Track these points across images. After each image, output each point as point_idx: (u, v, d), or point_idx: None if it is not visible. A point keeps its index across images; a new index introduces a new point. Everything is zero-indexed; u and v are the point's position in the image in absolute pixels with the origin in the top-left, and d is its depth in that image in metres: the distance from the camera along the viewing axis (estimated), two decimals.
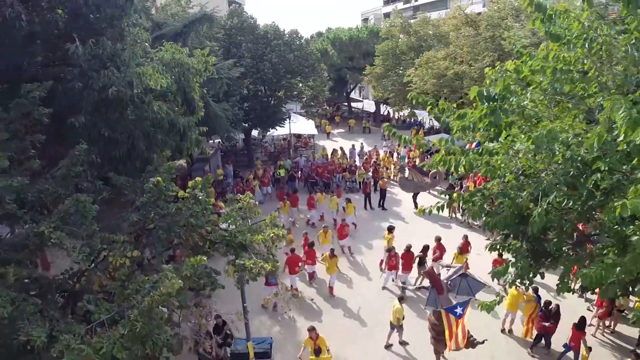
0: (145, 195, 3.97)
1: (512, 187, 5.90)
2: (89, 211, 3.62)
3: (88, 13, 5.34)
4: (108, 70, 4.77)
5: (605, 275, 4.58)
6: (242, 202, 4.58)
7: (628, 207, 3.74)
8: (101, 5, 5.15)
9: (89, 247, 3.54)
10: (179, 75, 5.71)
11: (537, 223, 4.94)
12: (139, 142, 5.21)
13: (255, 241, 4.15)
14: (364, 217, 16.32)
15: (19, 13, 4.52)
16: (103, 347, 2.97)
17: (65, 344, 3.00)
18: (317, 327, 10.08)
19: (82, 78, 5.02)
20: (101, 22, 5.41)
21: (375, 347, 9.29)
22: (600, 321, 9.09)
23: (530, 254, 6.24)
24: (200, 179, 4.25)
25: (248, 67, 18.54)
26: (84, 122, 4.84)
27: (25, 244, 3.51)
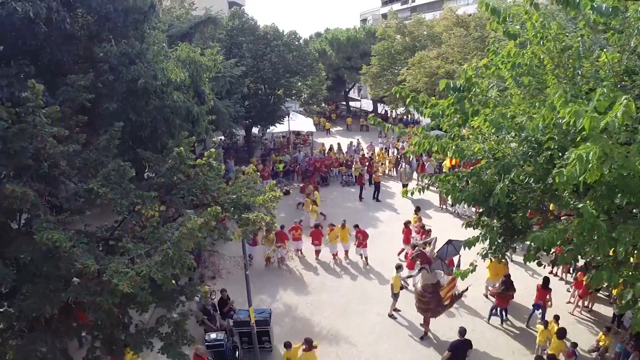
0: (169, 162, 5.09)
1: (481, 168, 6.98)
2: (126, 173, 4.74)
3: (116, 18, 6.48)
4: (137, 66, 5.89)
5: (556, 239, 5.61)
6: (247, 174, 5.70)
7: (564, 173, 4.79)
8: (128, 12, 6.29)
9: (127, 201, 4.64)
10: (192, 70, 6.84)
11: (499, 196, 6.01)
12: (161, 125, 6.35)
13: (256, 202, 5.26)
14: (359, 208, 17.52)
15: (64, 17, 5.64)
16: (143, 270, 4.05)
17: (114, 269, 4.08)
18: (312, 303, 11.30)
19: (113, 72, 6.15)
20: (127, 26, 6.55)
21: (365, 320, 10.43)
22: (579, 300, 10.18)
23: (502, 230, 7.33)
24: (214, 150, 5.36)
25: (249, 67, 19.71)
26: (115, 107, 5.96)
27: (78, 198, 4.62)
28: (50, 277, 4.65)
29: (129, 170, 4.74)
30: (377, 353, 9.33)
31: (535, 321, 9.46)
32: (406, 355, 9.16)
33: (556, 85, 6.14)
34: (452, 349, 7.54)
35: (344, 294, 11.60)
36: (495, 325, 9.86)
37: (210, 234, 4.84)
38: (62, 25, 5.61)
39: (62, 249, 4.07)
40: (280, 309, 11.17)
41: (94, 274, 4.13)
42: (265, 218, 4.98)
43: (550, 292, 9.27)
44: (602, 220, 5.07)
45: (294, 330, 10.39)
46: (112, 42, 5.79)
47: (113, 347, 5.92)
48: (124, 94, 6.08)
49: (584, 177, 4.75)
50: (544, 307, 9.26)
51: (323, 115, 32.18)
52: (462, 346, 7.60)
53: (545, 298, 9.20)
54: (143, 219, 4.84)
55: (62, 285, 4.64)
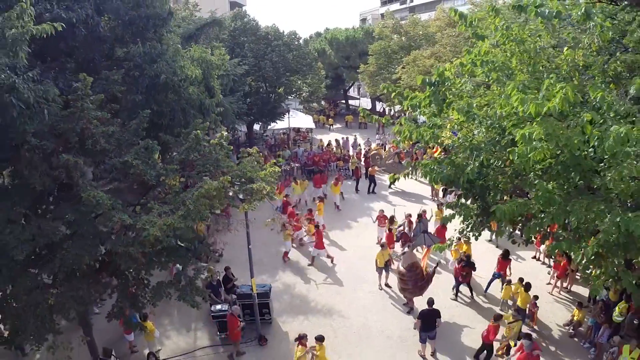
0: (187, 144, 6.30)
1: (455, 152, 8.15)
2: (154, 150, 5.95)
3: (139, 23, 7.73)
4: (158, 64, 7.12)
5: (517, 210, 6.73)
6: (251, 154, 6.93)
7: (516, 152, 5.94)
8: (149, 18, 7.53)
9: (154, 172, 5.84)
10: (204, 68, 8.05)
11: (469, 175, 7.18)
12: (178, 115, 7.59)
13: (259, 175, 6.46)
14: (355, 199, 18.82)
15: (98, 22, 6.88)
16: (169, 221, 5.24)
17: (145, 220, 5.27)
18: (310, 283, 12.61)
19: (138, 69, 7.39)
20: (148, 30, 7.80)
21: (357, 297, 11.69)
22: (557, 281, 11.39)
23: (479, 211, 8.51)
24: (225, 132, 6.60)
25: (250, 66, 20.98)
26: (140, 99, 7.19)
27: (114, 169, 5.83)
28: (88, 235, 5.84)
29: (156, 148, 5.96)
30: (367, 324, 10.55)
31: (496, 287, 10.85)
32: (393, 325, 10.39)
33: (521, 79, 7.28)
34: (421, 317, 8.73)
35: (339, 276, 12.89)
36: (465, 300, 11.12)
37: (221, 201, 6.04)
38: (97, 29, 6.83)
39: (103, 206, 5.26)
40: (280, 287, 12.44)
41: (128, 226, 5.32)
42: (266, 187, 6.19)
43: (509, 262, 10.65)
44: (558, 195, 6.18)
45: (292, 305, 11.66)
46: (139, 43, 7.01)
47: (135, 301, 7.14)
48: (146, 87, 7.32)
49: (533, 154, 6.00)
50: (503, 275, 10.59)
51: (322, 113, 33.45)
52: (430, 314, 8.78)
53: (505, 268, 10.53)
54: (167, 188, 6.06)
55: (98, 241, 5.84)
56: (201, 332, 10.80)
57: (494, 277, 10.87)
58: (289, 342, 10.19)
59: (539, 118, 5.59)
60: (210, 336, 10.55)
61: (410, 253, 10.42)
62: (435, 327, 8.82)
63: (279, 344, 10.19)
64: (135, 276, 6.81)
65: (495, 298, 11.03)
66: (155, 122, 7.39)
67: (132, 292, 7.04)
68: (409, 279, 10.15)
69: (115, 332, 10.18)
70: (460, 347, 9.48)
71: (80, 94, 5.63)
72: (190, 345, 10.24)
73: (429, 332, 8.80)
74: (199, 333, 10.75)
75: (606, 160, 5.47)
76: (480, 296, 11.25)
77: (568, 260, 10.73)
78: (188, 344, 10.30)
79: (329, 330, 10.51)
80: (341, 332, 10.38)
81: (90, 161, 5.68)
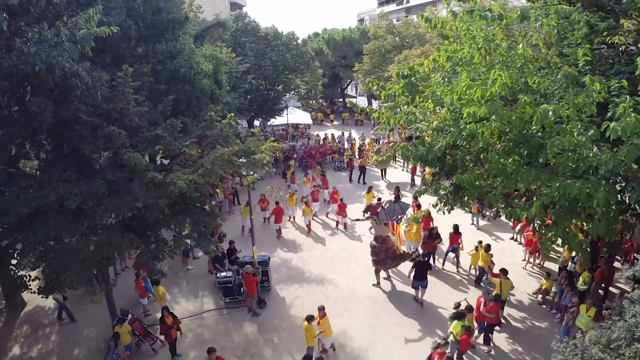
0: (203, 123, 8.05)
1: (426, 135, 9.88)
2: (177, 126, 7.71)
3: (160, 26, 9.53)
4: (178, 60, 8.91)
5: (474, 179, 8.40)
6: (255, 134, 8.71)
7: (468, 128, 7.66)
8: (169, 21, 9.33)
9: (178, 143, 7.58)
10: (214, 64, 9.82)
11: (436, 152, 8.91)
12: (193, 102, 9.41)
13: (261, 149, 8.21)
14: (349, 188, 20.66)
15: (130, 25, 8.66)
16: (192, 177, 6.95)
17: (173, 175, 6.99)
18: (303, 257, 14.43)
19: (160, 63, 9.18)
20: (167, 32, 9.60)
21: (347, 269, 13.47)
22: (530, 257, 13.13)
23: (453, 189, 10.23)
24: (232, 115, 8.39)
25: (251, 64, 22.82)
26: (163, 88, 8.98)
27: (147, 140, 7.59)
28: (124, 192, 7.55)
29: (179, 125, 7.72)
30: (354, 291, 12.32)
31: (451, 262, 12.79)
32: (378, 292, 12.20)
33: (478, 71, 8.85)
34: (415, 267, 10.65)
35: (331, 251, 14.71)
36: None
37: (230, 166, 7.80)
38: (129, 31, 8.61)
39: (139, 166, 6.97)
40: (278, 261, 14.22)
41: (158, 183, 7.03)
42: (266, 157, 7.96)
43: (460, 236, 12.52)
44: (509, 166, 7.79)
45: (289, 276, 13.45)
46: (163, 43, 8.81)
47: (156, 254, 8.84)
48: (167, 79, 9.10)
49: (481, 130, 7.73)
50: (457, 248, 12.45)
51: (320, 111, 35.28)
52: (423, 266, 10.68)
53: (458, 242, 12.36)
54: (187, 156, 7.82)
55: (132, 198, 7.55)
56: (207, 298, 12.57)
57: (448, 251, 12.70)
58: (285, 305, 11.98)
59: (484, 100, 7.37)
60: (215, 301, 12.33)
61: (381, 227, 11.92)
62: (426, 277, 10.67)
63: (276, 306, 11.96)
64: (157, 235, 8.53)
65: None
66: (175, 107, 9.17)
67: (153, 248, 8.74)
68: (378, 250, 11.81)
69: (131, 299, 11.96)
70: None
71: (122, 81, 7.39)
72: (198, 309, 12.00)
73: (421, 281, 10.68)
74: (205, 299, 12.52)
75: (546, 134, 7.12)
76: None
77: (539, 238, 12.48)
78: (196, 308, 12.06)
79: (321, 295, 12.29)
80: (332, 297, 12.13)
81: (127, 134, 7.41)
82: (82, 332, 11.15)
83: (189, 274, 13.85)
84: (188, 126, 8.48)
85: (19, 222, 7.52)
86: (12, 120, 7.07)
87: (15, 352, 10.38)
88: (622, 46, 8.67)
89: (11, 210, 7.05)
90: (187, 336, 10.65)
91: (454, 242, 12.39)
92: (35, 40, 5.77)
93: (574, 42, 9.64)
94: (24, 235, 7.81)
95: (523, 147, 7.99)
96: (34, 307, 12.36)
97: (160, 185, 7.04)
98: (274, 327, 10.99)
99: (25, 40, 5.85)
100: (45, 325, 11.60)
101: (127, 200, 7.26)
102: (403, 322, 10.70)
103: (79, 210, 7.35)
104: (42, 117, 6.23)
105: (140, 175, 7.03)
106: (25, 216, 7.32)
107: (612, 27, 8.78)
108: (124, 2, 8.50)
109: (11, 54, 5.81)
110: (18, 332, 11.22)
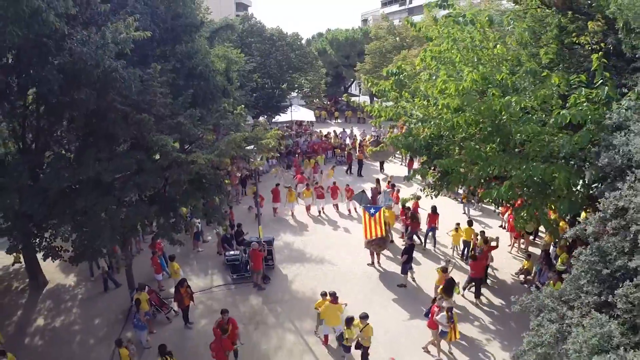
0: (217, 113, 9.56)
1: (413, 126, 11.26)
2: (195, 116, 9.20)
3: (178, 30, 11.08)
4: (196, 59, 10.44)
5: (453, 164, 9.82)
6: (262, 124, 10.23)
7: (443, 117, 9.10)
8: (186, 26, 10.87)
9: (197, 129, 9.07)
10: (226, 63, 11.34)
11: (421, 141, 10.37)
12: (208, 96, 10.94)
13: (267, 136, 9.69)
14: (348, 180, 22.08)
15: (154, 30, 10.20)
16: (209, 156, 8.44)
17: (194, 155, 8.46)
18: (304, 240, 15.95)
19: (179, 62, 10.73)
20: (185, 34, 11.15)
21: (344, 250, 14.88)
22: (515, 242, 14.46)
23: (439, 175, 11.62)
24: (242, 106, 9.91)
25: (257, 64, 24.36)
26: (182, 84, 10.52)
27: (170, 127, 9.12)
28: (151, 170, 9.01)
29: (197, 115, 9.23)
30: (351, 269, 13.76)
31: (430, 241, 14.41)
32: (373, 270, 13.62)
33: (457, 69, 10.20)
34: (405, 252, 12.03)
35: (330, 236, 16.19)
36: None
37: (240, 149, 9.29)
38: (153, 34, 10.16)
39: (166, 146, 8.44)
40: (281, 244, 15.72)
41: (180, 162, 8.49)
42: (271, 142, 9.44)
43: (438, 216, 14.02)
44: (483, 152, 9.15)
45: (291, 257, 14.94)
46: (182, 44, 10.37)
47: (175, 226, 10.33)
48: (185, 76, 10.65)
49: (456, 119, 9.13)
50: (435, 228, 14.11)
51: (323, 109, 36.81)
52: (409, 248, 12.06)
53: (435, 222, 13.80)
54: (204, 141, 9.33)
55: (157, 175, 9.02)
56: (216, 276, 14.09)
57: (428, 231, 14.18)
58: (288, 281, 13.46)
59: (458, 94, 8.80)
60: (224, 278, 13.84)
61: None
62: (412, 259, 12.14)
63: (279, 282, 13.43)
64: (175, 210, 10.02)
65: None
66: (193, 100, 10.72)
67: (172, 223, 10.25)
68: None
69: (147, 276, 13.44)
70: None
71: (151, 77, 8.92)
72: (208, 285, 13.49)
73: (409, 263, 12.08)
74: (215, 276, 14.04)
75: (512, 123, 8.49)
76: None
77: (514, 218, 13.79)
78: (206, 284, 13.56)
79: (321, 273, 13.76)
80: (330, 274, 13.57)
81: (154, 121, 8.90)
82: (102, 305, 12.58)
83: (199, 255, 15.37)
84: (204, 116, 9.96)
85: (58, 196, 9.00)
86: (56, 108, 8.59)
87: (40, 323, 11.64)
88: (586, 45, 10.05)
89: (54, 184, 8.54)
90: (198, 307, 12.12)
91: (432, 221, 13.86)
92: (84, 41, 7.28)
93: (546, 42, 11.04)
94: (60, 209, 9.27)
95: (496, 135, 9.38)
96: (55, 285, 13.85)
97: (181, 163, 8.51)
98: (277, 299, 12.44)
99: (75, 41, 7.35)
100: (66, 300, 13.05)
101: (152, 177, 8.74)
102: (394, 295, 12.15)
103: (111, 185, 8.83)
104: (87, 105, 7.71)
105: (166, 155, 8.52)
106: (63, 191, 8.79)
107: (581, 29, 10.19)
108: (149, 9, 10.04)
109: (63, 53, 7.30)
110: (41, 307, 12.55)
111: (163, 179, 8.90)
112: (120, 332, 10.86)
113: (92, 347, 10.75)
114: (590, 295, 5.67)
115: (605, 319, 4.95)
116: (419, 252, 13.99)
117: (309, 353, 10.11)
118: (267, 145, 9.38)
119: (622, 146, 6.40)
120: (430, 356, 9.63)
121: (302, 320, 11.43)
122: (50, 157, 9.73)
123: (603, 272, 5.51)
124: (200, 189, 9.41)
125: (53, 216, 9.49)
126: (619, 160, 6.37)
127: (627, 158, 6.16)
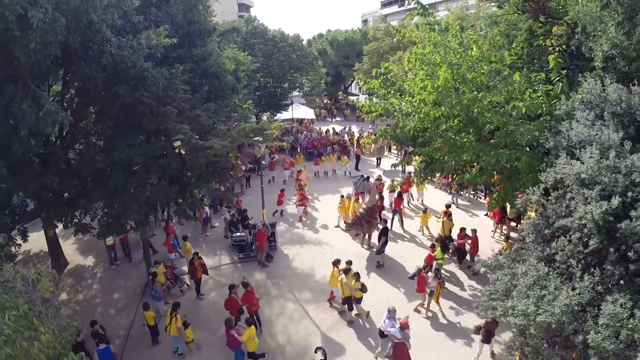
0: (229, 107, 11.36)
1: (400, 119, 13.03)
2: (210, 109, 11.03)
3: (192, 35, 12.91)
4: (209, 61, 12.26)
5: (432, 153, 11.65)
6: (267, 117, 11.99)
7: (423, 110, 10.94)
8: (201, 32, 12.71)
9: (211, 120, 10.87)
10: (235, 64, 13.15)
11: (406, 133, 12.16)
12: (219, 93, 12.76)
13: (271, 127, 11.49)
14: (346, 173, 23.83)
15: (174, 35, 12.02)
16: (223, 142, 10.21)
17: (211, 141, 10.25)
18: (306, 227, 17.73)
19: (194, 64, 12.56)
20: (199, 39, 12.99)
21: (342, 236, 16.62)
22: (497, 227, 16.22)
23: (425, 164, 13.39)
24: (250, 102, 11.73)
25: (260, 64, 26.19)
26: (196, 82, 12.36)
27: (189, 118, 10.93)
28: (172, 155, 10.80)
29: (211, 108, 11.05)
30: (345, 249, 15.59)
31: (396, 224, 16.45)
32: (364, 250, 15.36)
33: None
34: (382, 234, 13.79)
35: (328, 222, 17.91)
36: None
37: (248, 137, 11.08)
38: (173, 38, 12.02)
39: (188, 135, 10.22)
40: (283, 229, 17.54)
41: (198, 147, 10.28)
42: (275, 132, 11.23)
43: (402, 201, 16.06)
44: (459, 142, 10.94)
45: (292, 240, 16.77)
46: (198, 47, 12.20)
47: (192, 205, 12.14)
48: (200, 75, 12.48)
49: (433, 113, 10.94)
50: (400, 211, 16.31)
51: (323, 108, 38.66)
52: (384, 230, 13.84)
53: (400, 205, 15.85)
54: (218, 131, 11.13)
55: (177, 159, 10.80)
56: (224, 256, 15.93)
57: (393, 213, 16.18)
58: (289, 260, 15.27)
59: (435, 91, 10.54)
60: (231, 257, 15.67)
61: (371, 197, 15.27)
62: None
63: (281, 260, 15.25)
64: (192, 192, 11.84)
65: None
66: (207, 96, 12.57)
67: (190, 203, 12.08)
68: (361, 216, 15.16)
69: (161, 256, 15.20)
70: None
71: (174, 75, 10.75)
72: (216, 264, 15.32)
73: (385, 244, 13.91)
74: (222, 257, 15.87)
75: (481, 116, 10.26)
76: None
77: (502, 211, 15.48)
78: (214, 263, 15.40)
79: (318, 253, 15.59)
80: (327, 253, 15.42)
81: (177, 113, 10.70)
82: (120, 282, 14.37)
83: (207, 239, 17.22)
84: (217, 110, 11.74)
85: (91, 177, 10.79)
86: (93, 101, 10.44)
87: (63, 297, 13.16)
88: (550, 47, 11.80)
89: (90, 166, 10.34)
90: (208, 282, 13.91)
91: (397, 205, 15.78)
92: (122, 46, 9.10)
93: (517, 44, 12.82)
94: (93, 188, 11.02)
95: (470, 126, 11.15)
96: (75, 266, 15.65)
97: (199, 149, 10.31)
98: (279, 275, 14.26)
99: (115, 46, 9.17)
100: (87, 278, 14.87)
101: (174, 161, 10.52)
102: (382, 270, 13.97)
103: (136, 169, 10.62)
104: (123, 99, 9.52)
105: (187, 141, 10.33)
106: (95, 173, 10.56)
107: (547, 32, 11.95)
108: (169, 17, 11.87)
109: (105, 55, 9.10)
110: (63, 283, 14.31)
111: (182, 163, 10.70)
112: (138, 303, 12.59)
113: (112, 316, 12.55)
114: (535, 251, 7.32)
115: (543, 266, 6.52)
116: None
117: (306, 318, 11.95)
118: (272, 135, 11.19)
119: (567, 132, 8.01)
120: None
121: (301, 292, 13.26)
122: (82, 145, 11.57)
123: (545, 232, 7.02)
124: (214, 172, 11.20)
125: (86, 194, 11.24)
126: (564, 142, 7.56)
127: (570, 141, 7.75)
